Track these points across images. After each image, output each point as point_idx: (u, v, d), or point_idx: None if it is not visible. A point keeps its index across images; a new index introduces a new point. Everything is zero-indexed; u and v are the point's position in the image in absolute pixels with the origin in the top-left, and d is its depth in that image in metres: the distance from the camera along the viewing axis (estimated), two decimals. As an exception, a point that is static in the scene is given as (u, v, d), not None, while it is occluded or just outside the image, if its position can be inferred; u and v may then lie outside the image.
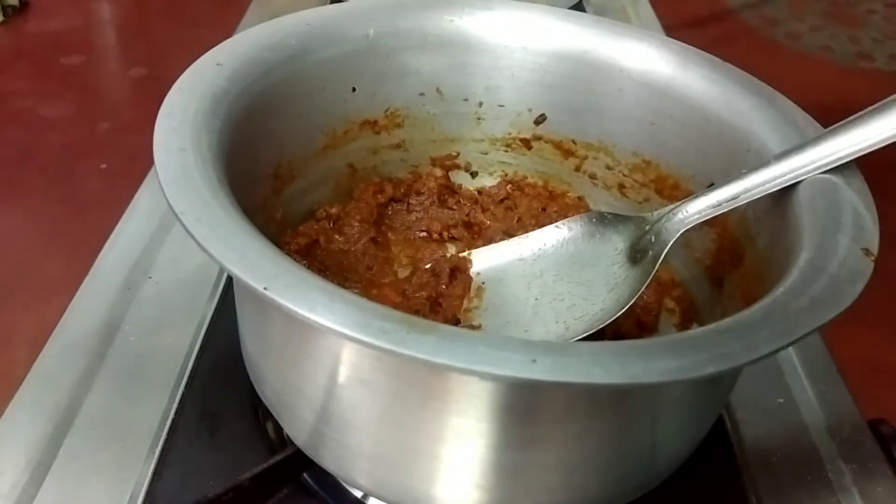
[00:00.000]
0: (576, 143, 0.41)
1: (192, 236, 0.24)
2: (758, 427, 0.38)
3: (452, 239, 0.41)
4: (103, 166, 0.63)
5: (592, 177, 0.41)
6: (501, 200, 0.42)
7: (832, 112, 0.31)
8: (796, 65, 0.75)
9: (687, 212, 0.32)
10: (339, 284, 0.25)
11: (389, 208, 0.41)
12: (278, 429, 0.36)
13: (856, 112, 0.29)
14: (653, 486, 0.30)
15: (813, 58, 0.76)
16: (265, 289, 0.22)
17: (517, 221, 0.41)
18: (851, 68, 0.74)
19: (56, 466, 0.34)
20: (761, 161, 0.31)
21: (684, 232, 0.32)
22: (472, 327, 0.34)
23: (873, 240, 0.27)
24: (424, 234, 0.41)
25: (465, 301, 0.36)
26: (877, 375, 0.45)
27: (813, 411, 0.39)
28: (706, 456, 0.32)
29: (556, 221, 0.37)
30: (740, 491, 0.35)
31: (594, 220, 0.35)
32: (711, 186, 0.31)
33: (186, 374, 0.38)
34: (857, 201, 0.29)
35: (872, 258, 0.26)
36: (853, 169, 0.30)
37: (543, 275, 0.35)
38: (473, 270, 0.37)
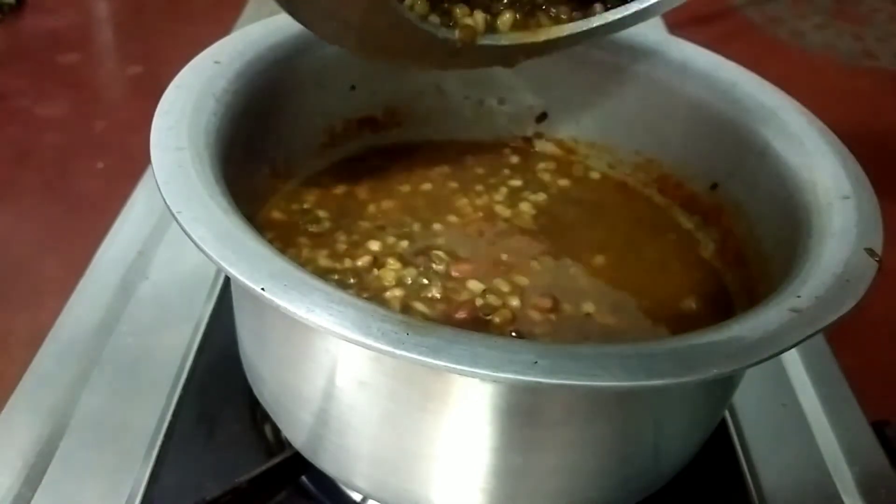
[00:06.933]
0: (577, 142, 0.40)
1: (189, 236, 0.23)
2: (761, 429, 0.38)
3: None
4: (100, 165, 0.62)
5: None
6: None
7: (836, 110, 0.30)
8: (800, 62, 0.74)
9: None
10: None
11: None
12: (276, 431, 0.35)
13: (862, 110, 0.29)
14: (655, 489, 0.30)
15: (816, 56, 0.76)
16: (263, 290, 0.22)
17: None
18: (855, 66, 0.73)
19: (52, 469, 0.33)
20: (765, 159, 0.30)
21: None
22: None
23: (877, 240, 0.27)
24: None
25: None
26: (880, 377, 0.45)
27: (816, 413, 0.39)
28: (709, 459, 0.32)
29: None
30: (743, 494, 0.35)
31: None
32: None
33: (183, 376, 0.38)
34: (861, 201, 0.29)
35: (877, 258, 0.26)
36: (858, 169, 0.30)
37: None
38: None
